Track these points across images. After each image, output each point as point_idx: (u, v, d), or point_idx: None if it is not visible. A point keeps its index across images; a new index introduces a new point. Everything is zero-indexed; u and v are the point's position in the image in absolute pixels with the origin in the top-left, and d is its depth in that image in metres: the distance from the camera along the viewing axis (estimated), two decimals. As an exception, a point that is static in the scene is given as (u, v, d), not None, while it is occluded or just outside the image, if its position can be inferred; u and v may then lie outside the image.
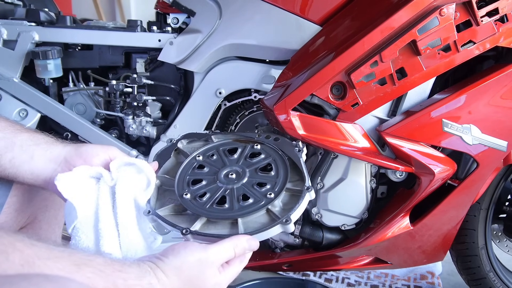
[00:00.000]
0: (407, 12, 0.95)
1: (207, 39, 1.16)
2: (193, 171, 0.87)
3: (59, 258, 0.57)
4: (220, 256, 0.71)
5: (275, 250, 1.27)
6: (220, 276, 0.71)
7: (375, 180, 1.17)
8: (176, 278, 0.67)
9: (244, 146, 0.91)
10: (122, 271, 0.61)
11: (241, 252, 0.73)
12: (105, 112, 1.32)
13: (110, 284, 0.59)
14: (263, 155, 0.88)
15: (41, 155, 0.78)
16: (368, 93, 1.01)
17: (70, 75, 1.31)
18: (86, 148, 0.80)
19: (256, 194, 0.80)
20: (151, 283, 0.63)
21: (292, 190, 0.81)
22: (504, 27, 0.99)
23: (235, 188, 0.81)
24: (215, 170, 0.86)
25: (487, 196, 1.29)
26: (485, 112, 1.04)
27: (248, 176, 0.83)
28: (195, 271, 0.69)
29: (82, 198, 0.75)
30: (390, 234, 1.14)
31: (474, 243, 1.31)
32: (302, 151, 0.85)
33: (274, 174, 0.84)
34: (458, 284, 1.59)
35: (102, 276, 0.59)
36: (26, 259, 0.53)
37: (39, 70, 1.23)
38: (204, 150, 0.93)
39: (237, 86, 1.21)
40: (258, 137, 0.93)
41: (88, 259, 0.60)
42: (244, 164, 0.87)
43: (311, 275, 1.65)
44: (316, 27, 1.10)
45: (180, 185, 0.84)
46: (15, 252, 0.53)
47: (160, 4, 1.25)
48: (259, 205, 0.77)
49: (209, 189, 0.82)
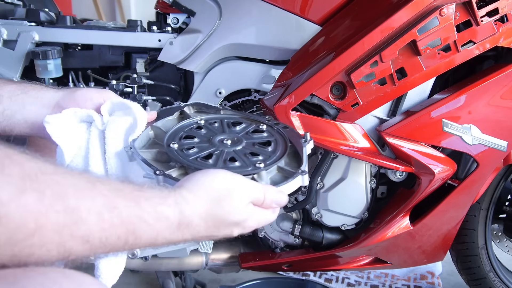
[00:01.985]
0: (407, 12, 0.95)
1: (207, 39, 1.16)
2: (189, 130, 0.83)
3: (68, 174, 0.49)
4: (250, 187, 0.63)
5: (275, 250, 1.27)
6: (250, 210, 0.63)
7: (375, 180, 1.17)
8: (204, 197, 0.59)
9: (250, 123, 0.87)
10: (142, 191, 0.55)
11: (270, 200, 0.66)
12: (105, 112, 1.31)
13: (131, 202, 0.52)
14: (265, 134, 0.84)
15: (32, 102, 0.74)
16: (368, 93, 1.01)
17: (70, 75, 1.31)
18: (81, 91, 0.76)
19: (245, 160, 0.74)
20: (177, 202, 0.57)
21: (285, 171, 0.76)
22: (504, 27, 0.99)
23: (226, 151, 0.76)
24: (212, 134, 0.82)
25: (487, 196, 1.29)
26: (485, 112, 1.04)
27: (243, 146, 0.78)
28: (225, 191, 0.61)
29: (72, 142, 0.72)
30: (390, 234, 1.14)
31: (474, 243, 1.31)
32: (308, 142, 0.80)
33: (271, 150, 0.78)
34: (458, 284, 1.59)
35: (120, 194, 0.52)
36: (27, 172, 0.44)
37: (39, 70, 1.23)
38: (209, 117, 0.88)
39: (237, 86, 1.20)
40: (268, 121, 0.88)
41: (103, 178, 0.53)
42: (244, 136, 0.82)
43: (311, 275, 1.65)
44: (316, 27, 1.10)
45: (171, 137, 0.79)
46: (12, 165, 0.44)
47: (160, 4, 1.25)
48: (245, 170, 0.71)
49: (199, 146, 0.77)
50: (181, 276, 1.48)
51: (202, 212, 0.59)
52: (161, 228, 0.55)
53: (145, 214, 0.53)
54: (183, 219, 0.57)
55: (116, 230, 0.50)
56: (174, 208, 0.56)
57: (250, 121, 0.88)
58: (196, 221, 0.58)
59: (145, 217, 0.53)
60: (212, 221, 0.60)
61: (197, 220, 0.58)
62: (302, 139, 0.81)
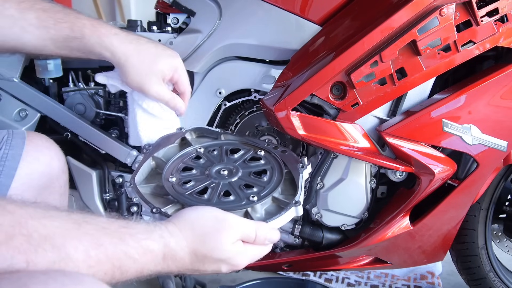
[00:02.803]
0: (407, 12, 0.95)
1: (207, 39, 1.16)
2: (188, 160, 0.85)
3: (56, 217, 0.53)
4: (240, 225, 0.65)
5: (275, 250, 1.27)
6: (240, 248, 0.65)
7: (375, 180, 1.17)
8: (190, 232, 0.62)
9: (248, 150, 0.89)
10: (128, 227, 0.57)
11: (262, 237, 0.67)
12: (105, 112, 1.32)
13: (116, 239, 0.55)
14: (262, 161, 0.85)
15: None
16: (368, 93, 1.01)
17: (70, 75, 1.31)
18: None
19: (240, 194, 0.76)
20: (163, 236, 0.59)
21: (280, 201, 0.77)
22: (504, 27, 0.99)
23: (221, 183, 0.78)
24: (210, 164, 0.84)
25: (487, 196, 1.29)
26: (485, 112, 1.04)
27: (240, 176, 0.80)
28: (211, 228, 0.63)
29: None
30: (390, 234, 1.14)
31: (474, 243, 1.31)
32: (305, 168, 0.81)
33: (266, 180, 0.79)
34: (458, 284, 1.59)
35: (106, 232, 0.55)
36: (17, 220, 0.50)
37: (39, 70, 1.23)
38: (208, 144, 0.91)
39: (237, 86, 1.20)
40: (266, 145, 0.90)
41: (89, 217, 0.56)
42: (241, 165, 0.84)
43: (311, 275, 1.65)
44: (316, 27, 1.10)
45: (170, 169, 0.81)
46: (4, 215, 0.49)
47: (160, 4, 1.25)
48: (238, 204, 0.73)
49: (196, 178, 0.79)
50: (181, 276, 1.48)
51: (185, 246, 0.61)
52: (147, 262, 0.58)
53: (130, 249, 0.56)
54: (168, 251, 0.60)
55: (103, 266, 0.53)
56: (159, 241, 0.59)
57: (249, 147, 0.90)
58: (181, 254, 0.61)
59: (130, 252, 0.56)
60: (196, 256, 0.62)
61: (181, 253, 0.61)
62: (300, 164, 0.82)
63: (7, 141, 0.89)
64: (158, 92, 0.89)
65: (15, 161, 0.87)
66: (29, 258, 0.49)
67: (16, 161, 0.87)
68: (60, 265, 0.50)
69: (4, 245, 0.48)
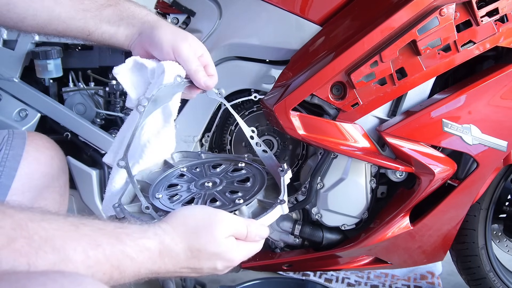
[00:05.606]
0: (407, 12, 0.95)
1: (207, 39, 1.16)
2: (173, 179, 0.87)
3: (54, 220, 0.55)
4: (231, 221, 0.67)
5: (275, 250, 1.27)
6: (232, 243, 0.66)
7: (375, 180, 1.17)
8: (183, 228, 0.63)
9: (229, 163, 0.91)
10: (123, 228, 0.59)
11: (253, 233, 0.69)
12: (105, 112, 1.32)
13: (113, 239, 0.57)
14: (244, 171, 0.87)
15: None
16: (368, 93, 1.01)
17: (70, 75, 1.31)
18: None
19: (226, 199, 0.78)
20: (157, 233, 0.61)
21: (265, 203, 0.79)
22: (504, 27, 0.99)
23: (207, 193, 0.80)
24: (193, 180, 0.86)
25: (487, 196, 1.29)
26: (485, 112, 1.04)
27: (224, 185, 0.82)
28: (204, 223, 0.65)
29: (136, 87, 0.86)
30: (390, 234, 1.14)
31: (474, 243, 1.31)
32: (285, 172, 0.83)
33: (250, 186, 0.81)
34: (458, 284, 1.59)
35: (103, 232, 0.57)
36: (17, 222, 0.51)
37: (39, 70, 1.23)
38: (190, 164, 0.92)
39: (237, 86, 1.20)
40: (246, 159, 0.92)
41: (86, 219, 0.58)
42: (224, 176, 0.86)
43: (311, 275, 1.65)
44: (316, 27, 1.10)
45: (156, 189, 0.83)
46: (5, 218, 0.51)
47: (160, 4, 1.25)
48: (225, 207, 0.74)
49: (182, 192, 0.81)
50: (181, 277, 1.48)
51: (179, 242, 0.63)
52: (144, 260, 0.59)
53: (127, 248, 0.57)
54: (163, 248, 0.61)
55: (101, 266, 0.55)
56: (154, 239, 0.61)
57: (229, 161, 0.92)
58: (176, 250, 0.62)
59: (127, 251, 0.57)
60: (191, 252, 0.64)
61: (176, 249, 0.62)
62: (280, 168, 0.84)
63: (7, 142, 0.89)
64: (189, 55, 0.83)
65: (16, 162, 0.87)
66: (30, 261, 0.49)
67: (16, 162, 0.87)
68: (59, 266, 0.51)
69: (7, 248, 0.49)
